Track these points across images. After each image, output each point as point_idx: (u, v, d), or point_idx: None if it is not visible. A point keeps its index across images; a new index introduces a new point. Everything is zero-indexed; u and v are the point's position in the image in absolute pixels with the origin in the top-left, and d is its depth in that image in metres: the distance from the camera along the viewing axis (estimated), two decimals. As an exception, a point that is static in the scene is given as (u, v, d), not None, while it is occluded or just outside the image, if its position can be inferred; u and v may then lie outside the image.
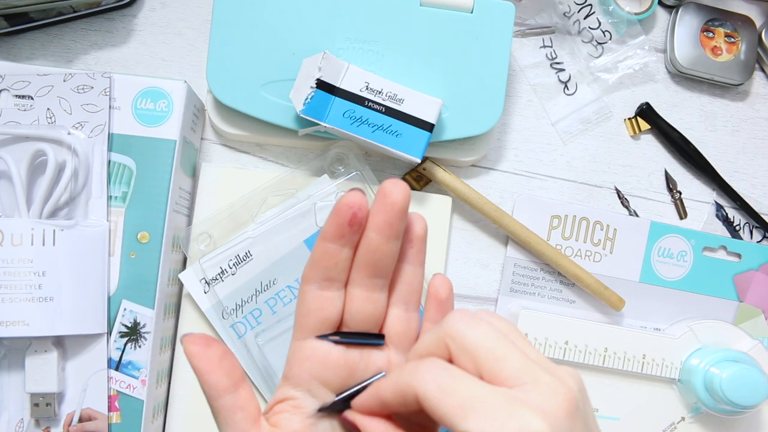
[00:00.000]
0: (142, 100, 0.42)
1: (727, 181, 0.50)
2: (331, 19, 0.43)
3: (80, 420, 0.39)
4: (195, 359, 0.30)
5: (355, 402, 0.29)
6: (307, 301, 0.30)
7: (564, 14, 0.51)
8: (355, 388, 0.30)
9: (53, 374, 0.39)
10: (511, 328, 0.27)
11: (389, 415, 0.29)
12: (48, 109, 0.41)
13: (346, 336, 0.30)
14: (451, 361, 0.26)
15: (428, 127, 0.42)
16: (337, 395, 0.30)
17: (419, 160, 0.42)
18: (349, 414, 0.29)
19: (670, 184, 0.50)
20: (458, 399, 0.24)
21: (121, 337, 0.40)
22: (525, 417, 0.23)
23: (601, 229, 0.48)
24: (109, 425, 0.40)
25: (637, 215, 0.50)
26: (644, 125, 0.50)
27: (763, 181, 0.52)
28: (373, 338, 0.31)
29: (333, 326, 0.30)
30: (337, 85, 0.41)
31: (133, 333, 0.40)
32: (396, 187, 0.28)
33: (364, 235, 0.29)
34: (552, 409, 0.23)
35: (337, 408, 0.30)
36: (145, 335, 0.40)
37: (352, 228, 0.28)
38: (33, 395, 0.39)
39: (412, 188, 0.47)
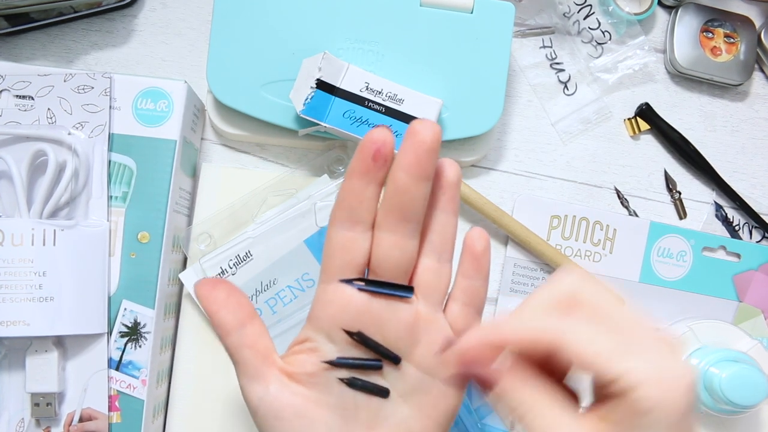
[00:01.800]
0: (143, 100, 0.42)
1: (727, 181, 0.50)
2: (331, 19, 0.43)
3: (81, 420, 0.40)
4: (203, 300, 0.30)
5: (467, 338, 0.28)
6: (332, 241, 0.29)
7: (564, 14, 0.51)
8: (359, 359, 0.30)
9: (54, 374, 0.39)
10: (601, 302, 0.27)
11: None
12: (48, 109, 0.41)
13: (372, 284, 0.29)
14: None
15: (428, 127, 0.42)
16: (340, 357, 0.30)
17: (419, 160, 0.42)
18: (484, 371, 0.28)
19: (670, 184, 0.51)
20: (612, 342, 0.24)
21: (122, 337, 0.40)
22: (679, 361, 0.24)
23: (601, 229, 0.48)
24: (110, 425, 0.40)
25: (636, 215, 0.50)
26: (644, 125, 0.50)
27: (763, 181, 0.52)
28: (400, 290, 0.29)
29: (358, 270, 0.29)
30: (337, 85, 0.41)
31: (134, 333, 0.40)
32: (425, 126, 0.27)
33: (392, 175, 0.28)
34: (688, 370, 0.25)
35: (342, 366, 0.30)
36: (146, 335, 0.40)
37: (376, 163, 0.27)
38: (33, 395, 0.39)
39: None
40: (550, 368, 0.28)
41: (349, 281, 0.29)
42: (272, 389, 0.29)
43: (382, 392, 0.30)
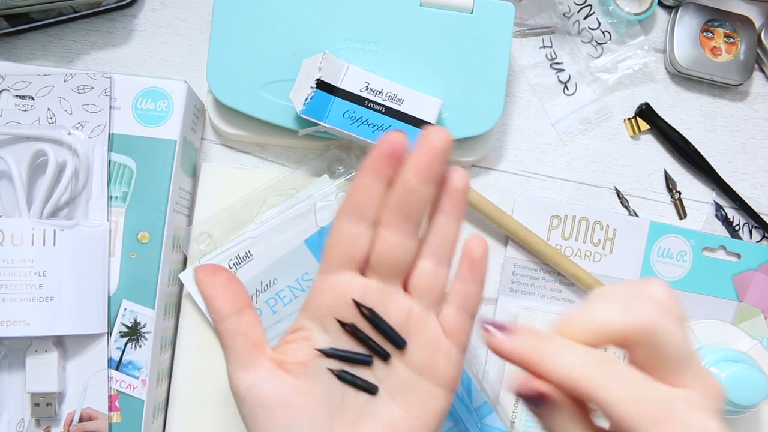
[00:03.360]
0: (143, 100, 0.42)
1: (727, 181, 0.50)
2: (331, 19, 0.43)
3: (81, 420, 0.40)
4: (202, 285, 0.31)
5: (513, 345, 0.26)
6: (336, 234, 0.30)
7: (564, 14, 0.51)
8: (355, 351, 0.30)
9: (54, 374, 0.39)
10: (683, 316, 0.26)
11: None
12: (48, 109, 0.41)
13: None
14: (623, 344, 0.25)
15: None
16: (333, 348, 0.30)
17: (419, 160, 0.42)
18: (536, 385, 0.26)
19: (670, 184, 0.51)
20: (648, 409, 0.23)
21: (122, 336, 0.40)
22: (706, 424, 0.24)
23: (601, 229, 0.48)
24: (110, 425, 0.40)
25: (636, 215, 0.50)
26: (644, 125, 0.50)
27: (763, 181, 0.52)
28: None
29: (358, 264, 0.30)
30: (337, 85, 0.41)
31: (134, 333, 0.40)
32: (437, 132, 0.29)
33: (401, 176, 0.29)
34: (717, 410, 0.24)
35: (333, 356, 0.30)
36: (146, 335, 0.40)
37: (389, 162, 0.29)
38: (33, 395, 0.39)
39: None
40: None
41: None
42: (261, 378, 0.30)
43: (371, 389, 0.30)
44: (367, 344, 0.30)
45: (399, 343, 0.30)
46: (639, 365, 0.25)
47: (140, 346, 0.40)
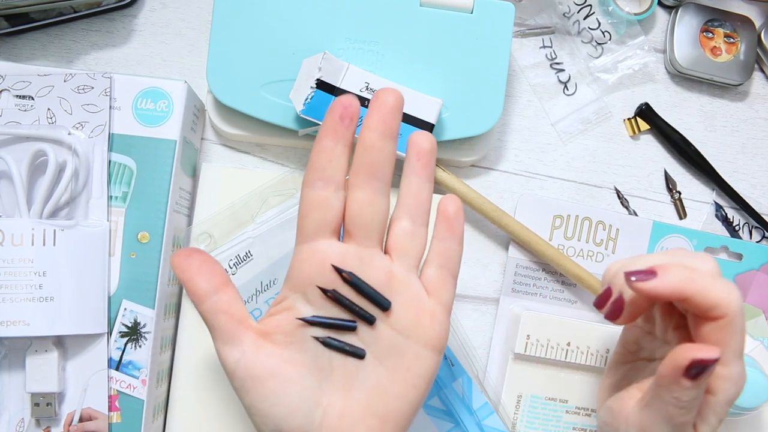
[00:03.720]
0: (143, 100, 0.42)
1: (727, 181, 0.50)
2: (331, 19, 0.43)
3: (81, 420, 0.39)
4: (178, 270, 0.31)
5: (663, 279, 0.28)
6: (305, 201, 0.31)
7: (564, 14, 0.51)
8: (334, 317, 0.31)
9: (54, 374, 0.39)
10: None
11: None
12: (48, 109, 0.41)
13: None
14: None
15: (428, 127, 0.42)
16: (315, 316, 0.31)
17: (419, 160, 0.42)
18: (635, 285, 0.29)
19: (670, 184, 0.50)
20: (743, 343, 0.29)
21: (122, 336, 0.40)
22: None
23: (604, 229, 0.48)
24: (110, 425, 0.40)
25: (636, 215, 0.50)
26: (644, 125, 0.50)
27: (763, 181, 0.52)
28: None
29: (332, 228, 0.31)
30: (337, 86, 0.41)
31: (134, 333, 0.40)
32: (386, 91, 0.30)
33: (360, 137, 0.30)
34: None
35: (317, 324, 0.30)
36: (146, 335, 0.40)
37: (343, 122, 0.30)
38: (33, 395, 0.39)
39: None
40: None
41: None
42: (247, 351, 0.30)
43: (358, 353, 0.30)
44: (351, 309, 0.30)
45: (384, 305, 0.30)
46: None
47: (140, 346, 0.40)
